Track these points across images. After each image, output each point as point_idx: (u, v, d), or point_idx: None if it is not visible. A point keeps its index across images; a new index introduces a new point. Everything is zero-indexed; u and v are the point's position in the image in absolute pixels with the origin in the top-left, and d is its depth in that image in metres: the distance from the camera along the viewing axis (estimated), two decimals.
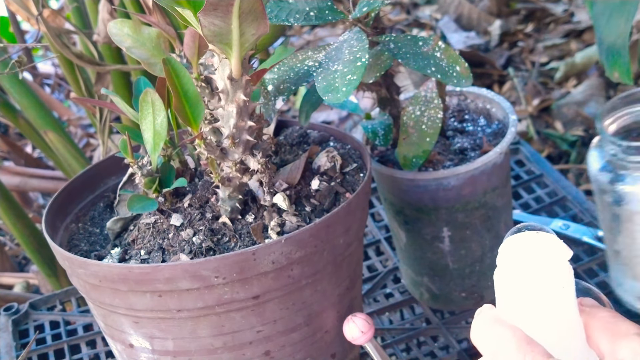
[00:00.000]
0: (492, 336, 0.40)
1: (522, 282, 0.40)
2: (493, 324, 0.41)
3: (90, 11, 1.13)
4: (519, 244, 0.41)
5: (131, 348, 0.62)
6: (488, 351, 0.41)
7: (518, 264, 0.40)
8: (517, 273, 0.40)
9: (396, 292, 0.86)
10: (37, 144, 1.15)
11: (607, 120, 0.72)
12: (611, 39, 0.84)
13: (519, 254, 0.40)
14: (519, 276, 0.40)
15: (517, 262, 0.40)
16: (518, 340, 0.39)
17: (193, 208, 0.62)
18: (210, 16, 0.51)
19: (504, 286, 0.41)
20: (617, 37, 0.84)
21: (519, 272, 0.40)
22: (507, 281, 0.41)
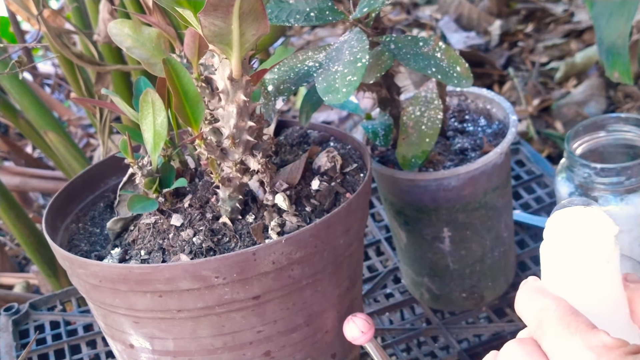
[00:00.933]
0: (536, 306, 0.40)
1: (568, 255, 0.40)
2: (537, 294, 0.41)
3: (91, 11, 1.13)
4: (565, 218, 0.41)
5: (131, 348, 0.62)
6: (532, 320, 0.41)
7: (564, 237, 0.40)
8: (563, 246, 0.40)
9: (396, 293, 0.86)
10: (37, 144, 1.15)
11: (574, 144, 0.73)
12: (611, 39, 0.85)
13: (566, 227, 0.41)
14: (564, 249, 0.40)
15: (563, 235, 0.41)
16: (562, 310, 0.39)
17: (193, 208, 0.62)
18: (210, 16, 0.51)
19: (550, 259, 0.41)
20: (617, 37, 0.84)
21: (565, 245, 0.40)
22: (552, 254, 0.41)
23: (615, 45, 0.84)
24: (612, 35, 0.84)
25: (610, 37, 0.84)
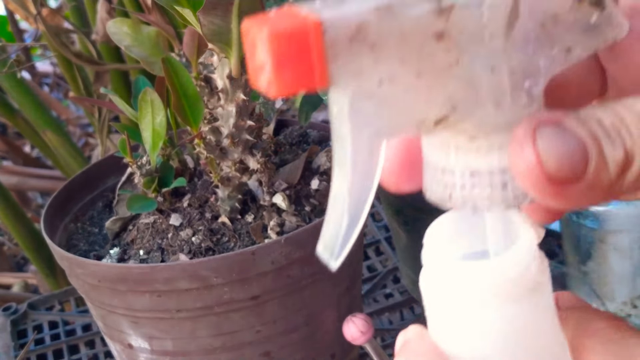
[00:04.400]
0: None
1: (464, 285, 0.26)
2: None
3: (89, 10, 1.13)
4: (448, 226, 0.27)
5: (130, 348, 0.62)
6: None
7: (451, 255, 0.27)
8: (453, 271, 0.26)
9: (396, 293, 0.86)
10: (36, 144, 1.15)
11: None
12: None
13: (452, 240, 0.27)
14: (456, 276, 0.26)
15: (451, 252, 0.27)
16: None
17: (192, 208, 0.62)
18: (209, 15, 0.51)
19: (437, 295, 0.27)
20: None
21: (455, 269, 0.26)
22: (439, 286, 0.27)
23: None
24: None
25: None
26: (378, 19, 0.22)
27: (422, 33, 0.22)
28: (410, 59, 0.22)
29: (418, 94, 0.23)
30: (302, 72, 0.21)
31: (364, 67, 0.22)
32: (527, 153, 0.23)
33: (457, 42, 0.23)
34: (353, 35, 0.21)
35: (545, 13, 0.24)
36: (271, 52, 0.21)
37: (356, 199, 0.24)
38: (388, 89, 0.22)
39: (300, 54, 0.21)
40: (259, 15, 0.22)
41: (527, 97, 0.24)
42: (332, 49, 0.21)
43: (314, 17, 0.21)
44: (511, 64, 0.24)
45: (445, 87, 0.23)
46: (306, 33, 0.21)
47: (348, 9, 0.21)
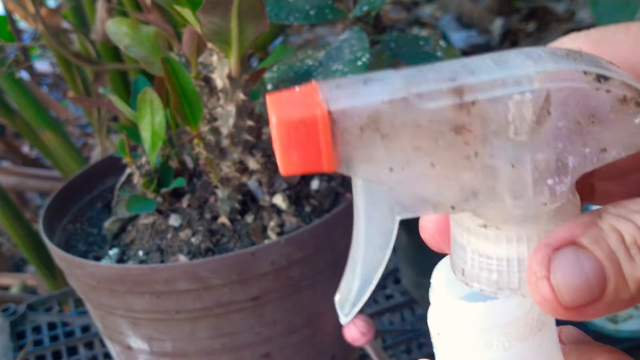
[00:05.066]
0: None
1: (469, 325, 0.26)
2: None
3: (88, 10, 1.13)
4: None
5: (129, 350, 0.62)
6: None
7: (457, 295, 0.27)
8: (458, 311, 0.26)
9: (397, 293, 0.85)
10: (35, 144, 1.14)
11: None
12: None
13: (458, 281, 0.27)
14: (461, 316, 0.26)
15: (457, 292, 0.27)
16: None
17: (192, 208, 0.62)
18: (209, 15, 0.51)
19: (444, 333, 0.27)
20: None
21: (460, 309, 0.26)
22: (445, 325, 0.27)
23: None
24: None
25: None
26: (391, 110, 0.22)
27: (439, 125, 0.22)
28: (425, 149, 0.22)
29: (431, 181, 0.23)
30: (309, 157, 0.22)
31: (375, 154, 0.22)
32: (542, 287, 0.23)
33: (477, 136, 0.22)
34: (364, 125, 0.22)
35: (580, 112, 0.23)
36: (279, 137, 0.22)
37: (368, 267, 0.25)
38: (399, 176, 0.23)
39: (308, 140, 0.22)
40: (284, 92, 0.23)
41: (550, 194, 0.23)
42: (343, 136, 0.22)
43: (324, 106, 0.21)
44: (537, 159, 0.23)
45: (460, 177, 0.23)
46: (314, 123, 0.22)
47: (364, 98, 0.22)
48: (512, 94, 0.22)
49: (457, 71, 0.22)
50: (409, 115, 0.22)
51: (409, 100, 0.22)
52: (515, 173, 0.23)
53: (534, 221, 0.24)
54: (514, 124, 0.22)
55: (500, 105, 0.22)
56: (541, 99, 0.22)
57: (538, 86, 0.22)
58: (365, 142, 0.22)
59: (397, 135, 0.22)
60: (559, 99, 0.22)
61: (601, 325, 0.74)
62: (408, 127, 0.22)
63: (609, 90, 0.23)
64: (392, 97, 0.22)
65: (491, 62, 0.23)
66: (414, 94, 0.22)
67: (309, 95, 0.22)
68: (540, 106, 0.22)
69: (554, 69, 0.22)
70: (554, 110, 0.22)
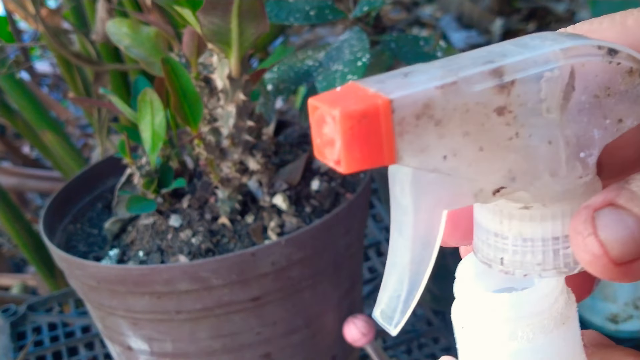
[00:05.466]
0: None
1: (494, 316, 0.26)
2: None
3: (88, 10, 1.13)
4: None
5: (129, 350, 0.62)
6: None
7: (482, 288, 0.27)
8: (483, 303, 0.26)
9: None
10: (35, 144, 1.14)
11: None
12: None
13: (482, 275, 0.27)
14: (485, 308, 0.26)
15: (482, 286, 0.27)
16: None
17: (192, 209, 0.62)
18: (209, 15, 0.51)
19: (467, 326, 0.27)
20: None
21: (485, 301, 0.26)
22: (469, 318, 0.27)
23: None
24: None
25: None
26: (443, 96, 0.22)
27: (485, 108, 0.22)
28: (473, 134, 0.23)
29: (480, 166, 0.23)
30: (371, 151, 0.21)
31: (430, 142, 0.22)
32: (590, 245, 0.23)
33: (517, 116, 0.23)
34: (420, 113, 0.22)
35: (598, 85, 0.24)
36: (342, 132, 0.21)
37: (416, 268, 0.24)
38: (451, 163, 0.23)
39: (370, 133, 0.21)
40: (327, 93, 0.22)
41: (582, 167, 0.24)
42: (400, 126, 0.21)
43: (383, 96, 0.21)
44: (567, 135, 0.24)
45: (506, 159, 0.23)
46: (376, 113, 0.21)
47: (414, 87, 0.22)
48: (544, 71, 0.23)
49: (490, 56, 0.23)
50: (459, 100, 0.22)
51: (459, 84, 0.22)
52: (551, 150, 0.24)
53: (572, 195, 0.24)
54: (546, 102, 0.23)
55: (534, 84, 0.23)
56: (566, 74, 0.23)
57: (563, 62, 0.23)
58: (420, 130, 0.22)
59: (449, 122, 0.22)
60: (581, 74, 0.23)
61: (601, 325, 0.74)
62: (458, 112, 0.22)
63: (619, 62, 0.24)
64: (444, 82, 0.22)
65: (513, 46, 0.24)
66: (462, 78, 0.22)
67: (355, 91, 0.22)
68: (566, 82, 0.23)
69: (573, 44, 0.23)
70: (577, 84, 0.23)
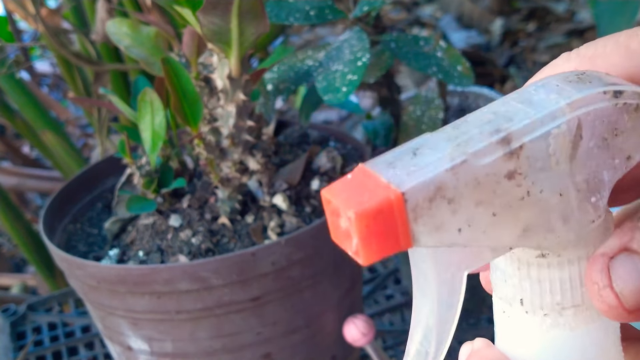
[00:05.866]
0: None
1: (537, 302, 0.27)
2: None
3: (88, 10, 1.13)
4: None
5: (129, 350, 0.62)
6: None
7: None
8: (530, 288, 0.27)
9: (397, 294, 0.85)
10: (35, 144, 1.14)
11: None
12: None
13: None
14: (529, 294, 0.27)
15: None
16: None
17: (192, 209, 0.62)
18: (209, 15, 0.51)
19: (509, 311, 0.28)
20: None
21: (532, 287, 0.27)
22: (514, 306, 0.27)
23: None
24: None
25: None
26: (454, 176, 0.22)
27: (495, 176, 0.23)
28: (485, 202, 0.23)
29: (494, 230, 0.24)
30: (388, 241, 0.22)
31: (444, 220, 0.23)
32: (606, 296, 0.24)
33: (527, 175, 0.24)
34: (432, 196, 0.22)
35: (605, 129, 0.24)
36: (358, 230, 0.22)
37: (442, 327, 0.25)
38: (467, 234, 0.23)
39: (386, 226, 0.22)
40: (338, 183, 0.22)
41: (594, 210, 0.25)
42: (413, 212, 0.22)
43: (395, 189, 0.22)
44: (577, 182, 0.24)
45: (519, 218, 0.24)
46: (390, 208, 0.22)
47: (425, 171, 0.22)
48: (551, 129, 0.24)
49: (496, 121, 0.24)
50: (470, 176, 0.23)
51: (468, 161, 0.23)
52: (563, 200, 0.24)
53: (586, 240, 0.25)
54: (554, 156, 0.24)
55: (542, 143, 0.24)
56: (574, 127, 0.24)
57: (570, 116, 0.24)
58: (434, 211, 0.22)
59: (461, 197, 0.23)
60: (588, 122, 0.24)
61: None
62: (469, 186, 0.23)
63: (625, 102, 0.24)
64: (454, 163, 0.22)
65: (518, 104, 0.24)
66: (471, 154, 0.23)
67: (367, 180, 0.22)
68: (574, 134, 0.24)
69: (579, 97, 0.24)
70: (584, 133, 0.24)
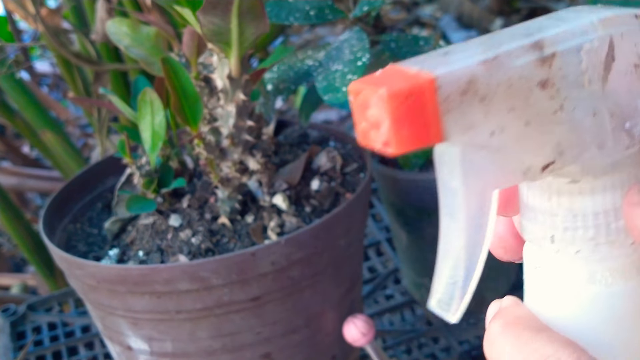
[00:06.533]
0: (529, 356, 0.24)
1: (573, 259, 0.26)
2: (529, 334, 0.25)
3: (88, 10, 1.13)
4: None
5: (129, 350, 0.62)
6: None
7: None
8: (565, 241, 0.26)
9: (397, 294, 0.85)
10: (35, 144, 1.14)
11: None
12: None
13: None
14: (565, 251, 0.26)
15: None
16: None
17: (192, 209, 0.62)
18: (209, 15, 0.51)
19: (541, 267, 0.27)
20: None
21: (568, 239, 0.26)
22: (544, 258, 0.27)
23: None
24: None
25: None
26: (486, 72, 0.22)
27: (528, 82, 0.22)
28: (518, 109, 0.22)
29: (527, 142, 0.23)
30: (419, 130, 0.21)
31: (475, 120, 0.22)
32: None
33: (559, 89, 0.23)
34: (464, 90, 0.21)
35: (637, 54, 0.24)
36: (390, 112, 0.21)
37: (471, 252, 0.24)
38: (499, 140, 0.22)
39: (417, 112, 0.21)
40: (367, 77, 0.22)
41: (629, 138, 0.24)
42: (445, 104, 0.21)
43: (427, 74, 0.21)
44: (610, 106, 0.24)
45: (553, 133, 0.23)
46: (422, 91, 0.21)
47: (457, 64, 0.22)
48: (583, 43, 0.23)
49: (528, 29, 0.23)
50: (502, 75, 0.22)
51: (500, 58, 0.22)
52: (597, 122, 0.24)
53: (621, 167, 0.24)
54: (587, 73, 0.23)
55: (574, 56, 0.23)
56: (605, 45, 0.23)
57: (602, 33, 0.23)
58: (465, 107, 0.22)
59: (494, 97, 0.22)
60: (619, 44, 0.23)
61: None
62: (502, 87, 0.22)
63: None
64: (486, 58, 0.22)
65: (550, 20, 0.24)
66: (504, 52, 0.22)
67: (396, 72, 0.21)
68: (605, 52, 0.23)
69: (611, 15, 0.23)
70: (616, 55, 0.23)
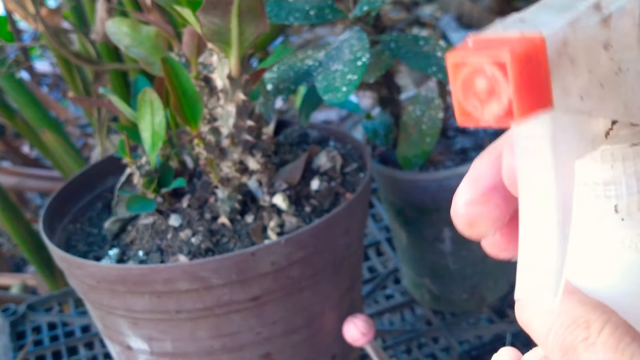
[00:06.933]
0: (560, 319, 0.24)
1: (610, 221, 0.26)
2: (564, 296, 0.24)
3: (88, 10, 1.13)
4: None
5: (129, 350, 0.62)
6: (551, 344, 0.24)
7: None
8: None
9: (397, 294, 0.85)
10: (35, 144, 1.14)
11: None
12: None
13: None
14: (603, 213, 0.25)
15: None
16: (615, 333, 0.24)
17: (192, 208, 0.62)
18: (209, 15, 0.51)
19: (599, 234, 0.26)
20: None
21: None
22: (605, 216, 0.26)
23: None
24: None
25: None
26: (573, 33, 0.21)
27: (597, 43, 0.22)
28: (594, 71, 0.22)
29: (605, 103, 0.22)
30: (536, 95, 0.20)
31: (568, 83, 0.21)
32: None
33: (617, 50, 0.22)
34: (561, 52, 0.21)
35: None
36: (513, 77, 0.19)
37: (562, 228, 0.23)
38: (587, 103, 0.22)
39: (535, 75, 0.20)
40: (462, 50, 0.20)
41: None
42: (552, 64, 0.20)
43: (536, 35, 0.20)
44: None
45: (619, 93, 0.22)
46: (539, 53, 0.20)
47: (550, 26, 0.20)
48: (628, 3, 0.23)
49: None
50: (582, 36, 0.21)
51: (580, 22, 0.21)
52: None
53: None
54: (634, 33, 0.23)
55: (626, 18, 0.23)
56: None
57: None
58: (561, 70, 0.21)
59: (579, 59, 0.21)
60: None
61: None
62: (583, 49, 0.21)
63: None
64: (571, 19, 0.21)
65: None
66: (580, 14, 0.21)
67: (494, 40, 0.20)
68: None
69: None
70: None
